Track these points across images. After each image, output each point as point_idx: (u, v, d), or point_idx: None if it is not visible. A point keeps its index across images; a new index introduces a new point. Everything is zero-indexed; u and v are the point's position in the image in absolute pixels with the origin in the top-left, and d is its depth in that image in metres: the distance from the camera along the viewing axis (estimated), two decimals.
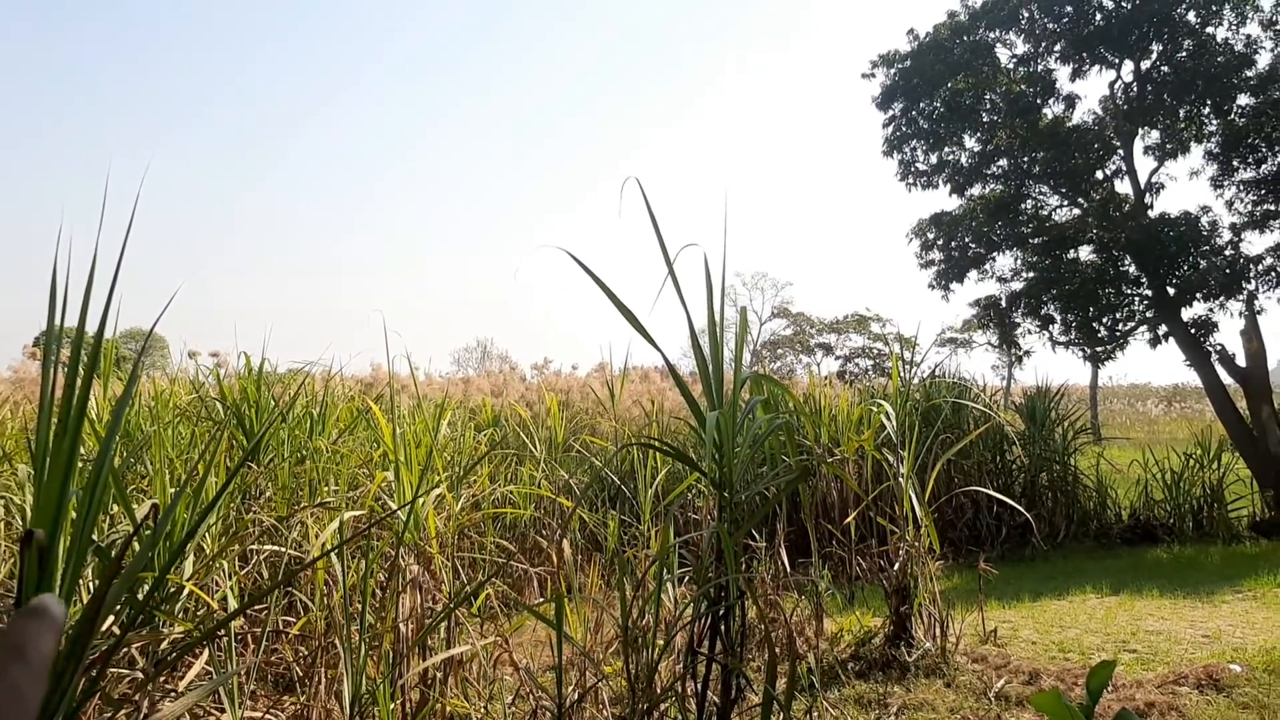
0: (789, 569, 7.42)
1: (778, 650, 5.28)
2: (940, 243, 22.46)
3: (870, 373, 52.79)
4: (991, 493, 9.59)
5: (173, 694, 4.76)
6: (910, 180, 22.53)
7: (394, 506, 5.84)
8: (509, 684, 6.19)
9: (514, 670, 5.80)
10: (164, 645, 4.73)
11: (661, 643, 4.90)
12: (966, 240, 22.14)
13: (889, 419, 7.77)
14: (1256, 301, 20.83)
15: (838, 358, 58.96)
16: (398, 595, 5.40)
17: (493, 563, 7.90)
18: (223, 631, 5.25)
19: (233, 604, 5.33)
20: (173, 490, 5.53)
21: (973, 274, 22.55)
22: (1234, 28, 20.69)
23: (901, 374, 9.25)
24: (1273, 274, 21.25)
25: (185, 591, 5.16)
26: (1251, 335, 16.23)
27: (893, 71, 22.04)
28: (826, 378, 22.18)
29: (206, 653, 5.03)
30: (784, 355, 60.75)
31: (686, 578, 6.63)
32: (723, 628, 4.78)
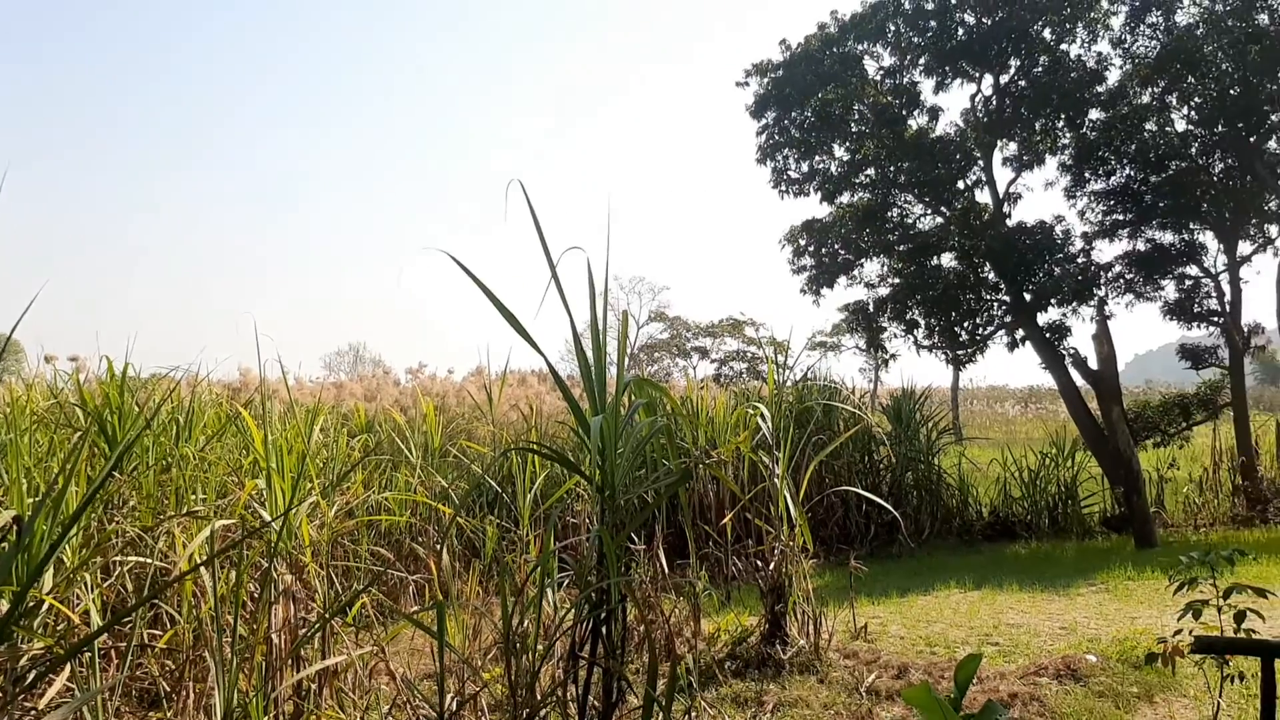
0: (668, 571, 7.50)
1: (657, 652, 5.33)
2: (811, 249, 22.99)
3: (745, 376, 53.63)
4: (861, 492, 9.86)
5: (32, 713, 4.55)
6: (783, 188, 22.98)
7: (266, 515, 5.69)
8: (386, 694, 6.10)
9: (391, 679, 5.73)
10: (23, 663, 4.52)
11: (543, 648, 4.91)
12: (836, 247, 22.71)
13: (765, 421, 7.92)
14: (1106, 307, 21.95)
15: (713, 361, 59.74)
16: (270, 606, 5.27)
17: (368, 571, 7.77)
18: (85, 648, 5.03)
19: (95, 618, 5.12)
20: (32, 501, 5.28)
21: (842, 280, 23.16)
22: (1086, 45, 21.78)
23: (776, 377, 9.44)
24: (1121, 281, 22.42)
25: (45, 606, 4.94)
26: (1102, 339, 17.05)
27: (765, 81, 22.46)
28: (703, 381, 22.50)
29: (68, 670, 4.82)
30: (661, 359, 61.23)
31: (567, 582, 6.65)
32: (604, 631, 4.81)
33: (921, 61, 21.96)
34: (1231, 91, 20.54)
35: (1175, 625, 5.84)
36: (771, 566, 7.77)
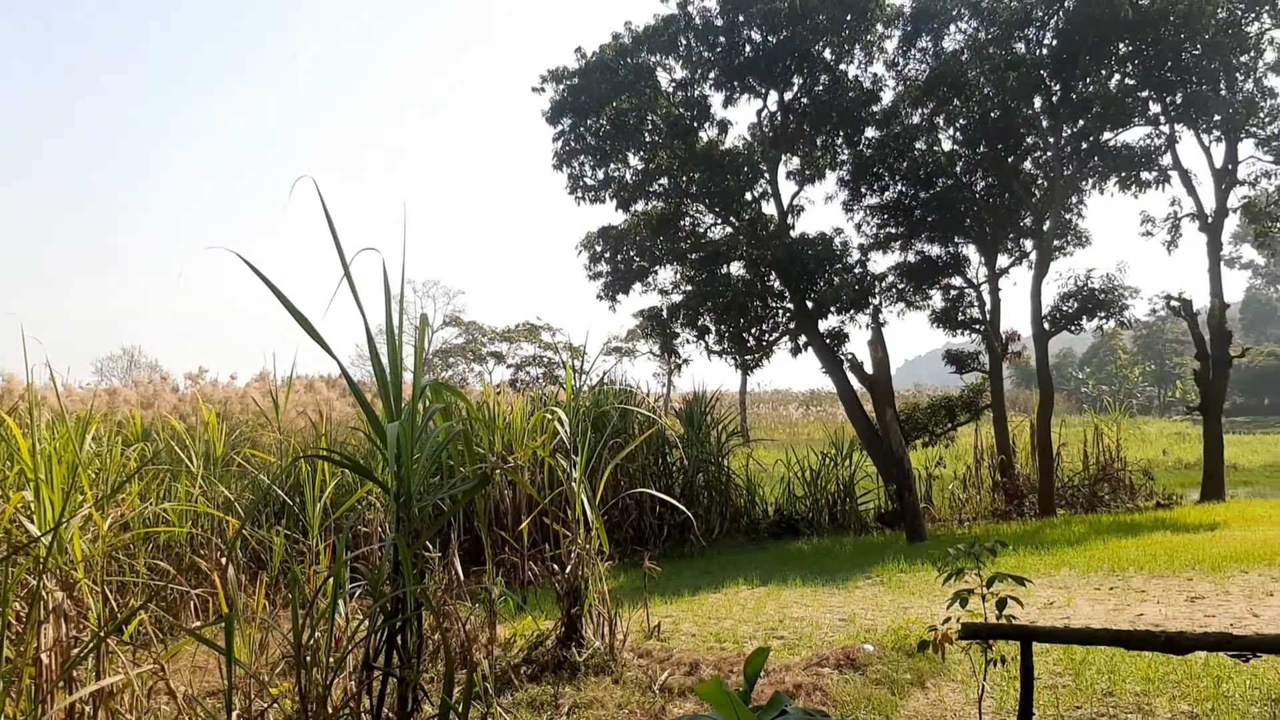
0: (463, 577, 7.43)
1: (453, 659, 5.28)
2: (607, 255, 23.26)
3: (542, 381, 53.62)
4: (656, 493, 10.06)
5: None
6: (579, 194, 23.13)
7: (34, 529, 5.30)
8: (167, 713, 5.79)
9: (172, 698, 5.44)
10: None
11: (335, 660, 4.78)
12: (632, 254, 23.05)
13: (563, 426, 7.97)
14: (881, 314, 23.24)
15: (510, 366, 59.44)
16: (39, 626, 4.92)
17: (147, 586, 7.35)
18: None
19: None
20: None
21: (637, 286, 23.55)
22: (863, 66, 22.98)
23: (573, 382, 9.52)
24: (894, 290, 23.79)
25: None
26: (877, 345, 17.98)
27: (561, 88, 22.54)
28: (499, 386, 22.38)
29: None
30: (456, 364, 60.43)
31: (360, 592, 6.49)
32: (399, 640, 4.74)
33: (711, 76, 22.57)
34: (992, 114, 22.14)
35: (944, 614, 6.24)
36: (568, 570, 7.82)
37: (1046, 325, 22.54)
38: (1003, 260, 23.84)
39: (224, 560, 6.62)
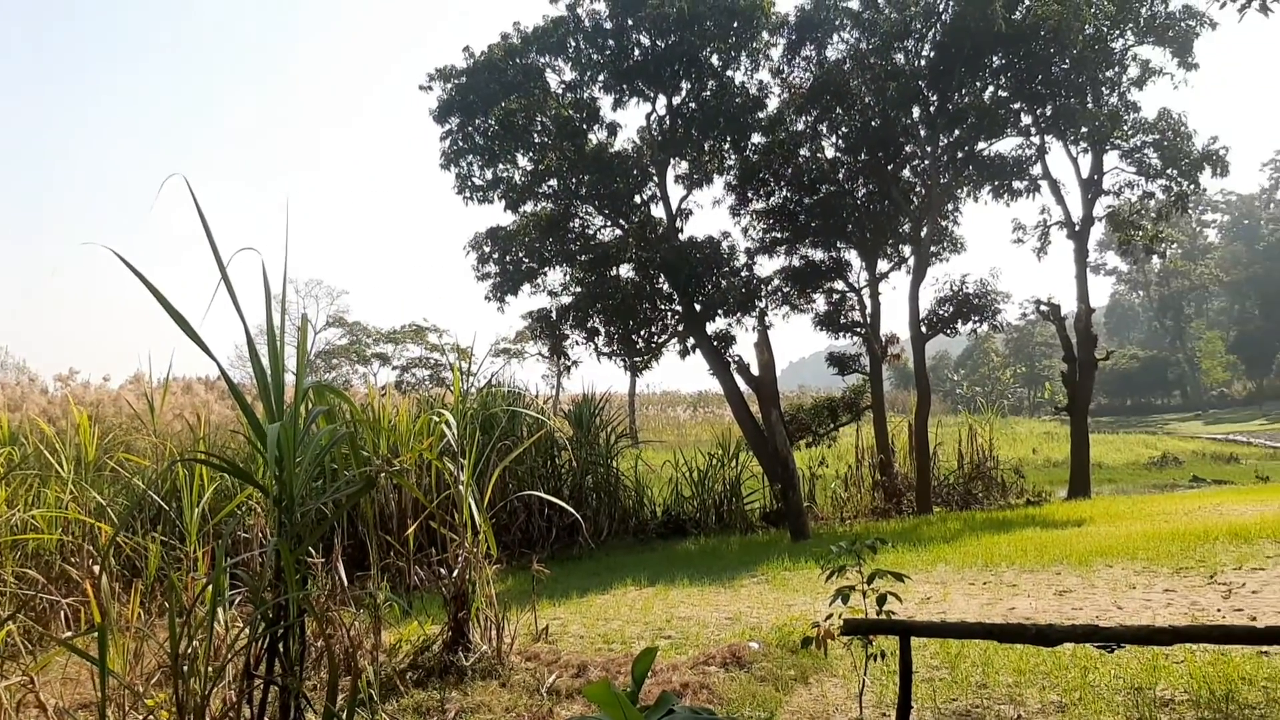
0: (347, 583, 7.30)
1: (337, 666, 5.19)
2: (496, 256, 23.11)
3: (428, 383, 52.95)
4: (544, 495, 10.04)
5: None
6: (467, 194, 22.95)
7: None
8: None
9: (42, 711, 5.22)
10: None
11: (214, 669, 4.65)
12: (520, 255, 22.95)
13: (450, 428, 7.90)
14: (767, 317, 23.66)
15: (395, 368, 58.52)
16: None
17: (15, 596, 7.02)
18: None
19: None
20: None
21: (526, 287, 23.47)
22: (749, 73, 23.37)
23: (461, 384, 9.44)
24: (779, 294, 24.24)
25: None
26: (763, 347, 18.25)
27: (449, 86, 22.33)
28: (384, 388, 22.04)
29: None
30: (340, 365, 59.23)
31: (240, 599, 6.32)
32: (281, 648, 4.64)
33: (601, 78, 22.65)
34: (873, 123, 22.74)
35: (827, 610, 6.38)
36: (455, 573, 7.75)
37: (924, 328, 23.23)
38: (883, 265, 24.51)
39: (96, 568, 6.37)
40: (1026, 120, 23.32)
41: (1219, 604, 8.50)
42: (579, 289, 23.36)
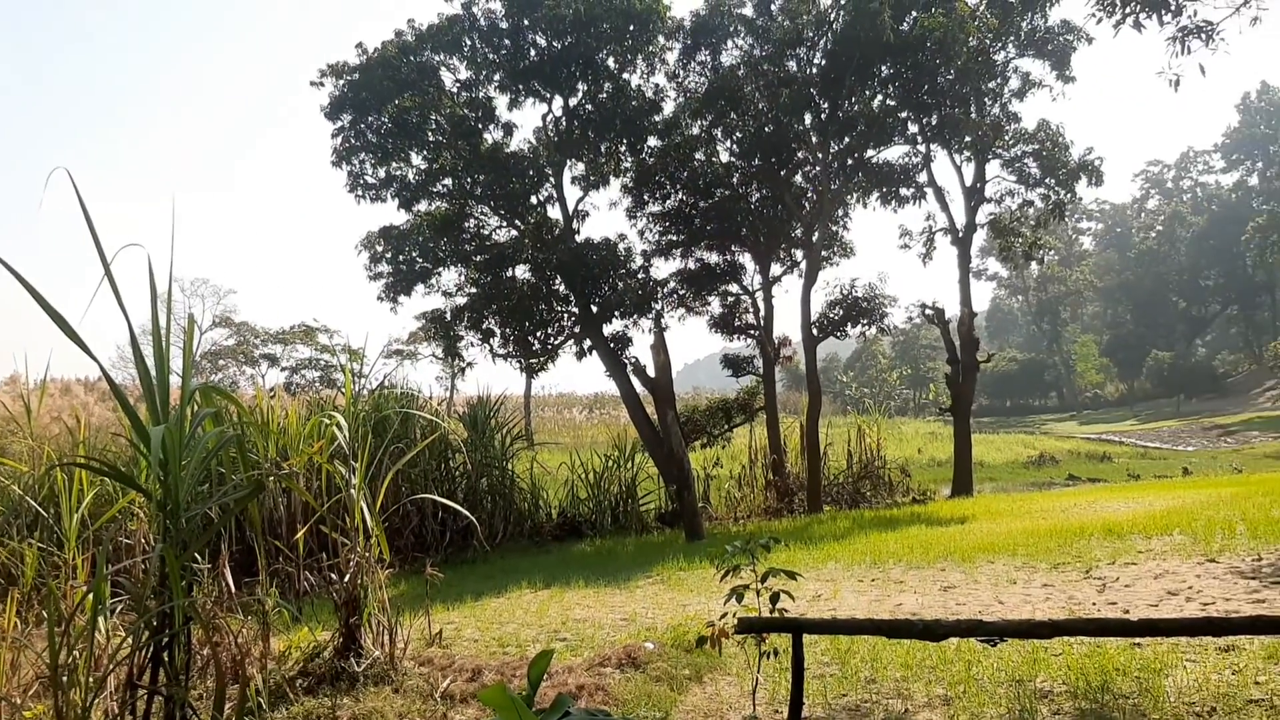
0: (235, 589, 7.12)
1: (224, 675, 5.07)
2: (389, 256, 22.76)
3: (318, 384, 51.87)
4: (438, 499, 9.95)
5: None
6: (360, 192, 22.56)
7: None
8: None
9: None
10: None
11: (95, 680, 4.50)
12: (414, 255, 22.66)
13: (341, 431, 7.76)
14: (663, 319, 23.81)
15: (284, 369, 57.16)
16: None
17: None
18: None
19: None
20: None
21: (420, 288, 23.16)
22: (645, 76, 23.49)
23: (352, 386, 9.29)
24: (675, 296, 24.43)
25: None
26: (659, 349, 18.35)
27: (341, 83, 21.92)
28: (273, 390, 21.54)
29: None
30: (227, 366, 57.55)
31: (122, 607, 6.11)
32: (166, 657, 4.51)
33: (496, 78, 22.51)
34: (766, 129, 23.08)
35: (722, 609, 6.46)
36: (346, 578, 7.61)
37: (815, 331, 23.68)
38: (776, 269, 24.92)
39: None
40: (913, 129, 23.98)
41: (1094, 598, 8.84)
42: (474, 290, 23.17)
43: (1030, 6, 23.40)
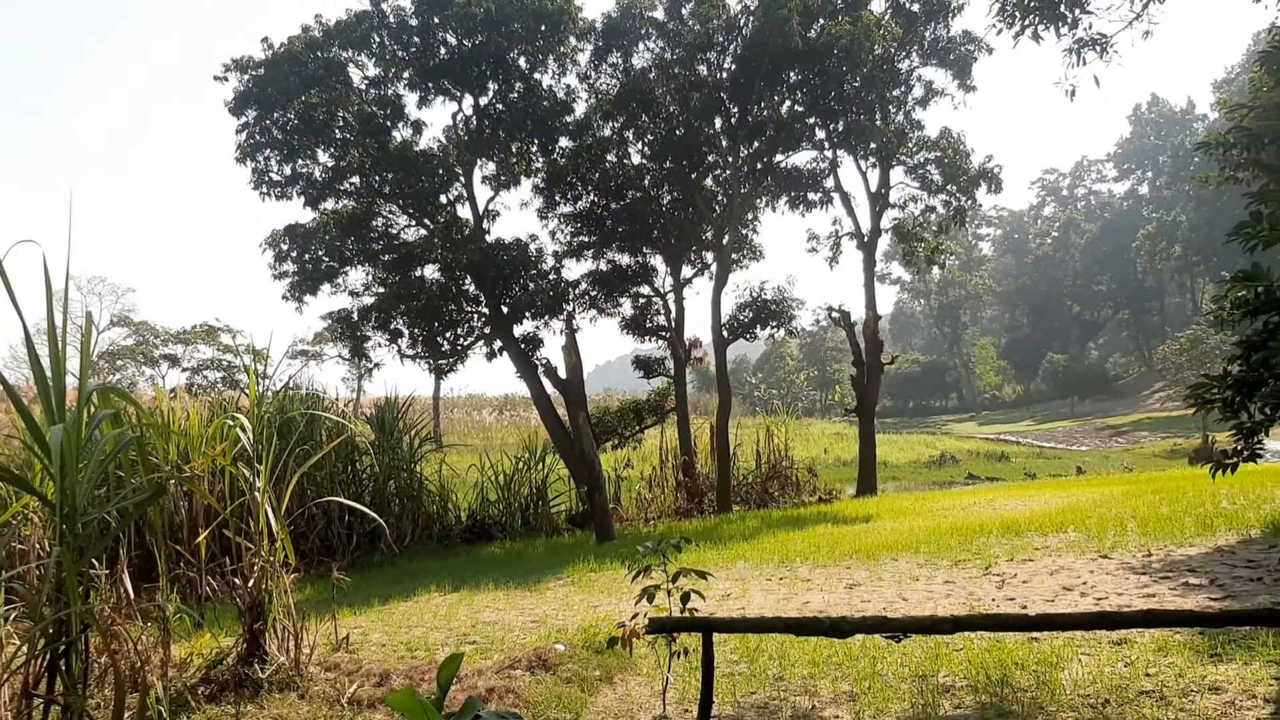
0: (134, 595, 6.94)
1: (124, 683, 4.94)
2: (294, 255, 22.34)
3: (221, 385, 50.60)
4: (344, 501, 9.79)
5: None
6: (265, 190, 22.08)
7: None
8: None
9: None
10: None
11: None
12: (320, 254, 22.28)
13: (245, 433, 7.60)
14: (574, 320, 23.82)
15: (185, 370, 55.60)
16: None
17: None
18: None
19: None
20: None
21: (326, 287, 22.78)
22: (557, 77, 23.50)
23: (257, 387, 9.11)
24: (587, 297, 24.45)
25: None
26: (570, 350, 18.36)
27: (246, 78, 21.44)
28: (174, 391, 20.97)
29: None
30: (125, 367, 55.72)
31: (15, 615, 5.90)
32: (63, 665, 4.38)
33: (406, 75, 22.28)
34: (678, 132, 23.26)
35: (632, 610, 6.50)
36: (250, 583, 7.46)
37: (725, 333, 23.94)
38: (687, 271, 25.10)
39: None
40: (821, 135, 24.41)
41: (994, 594, 9.10)
42: (382, 289, 22.89)
43: (933, 16, 24.03)
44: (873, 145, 24.16)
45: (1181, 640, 6.69)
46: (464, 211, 23.27)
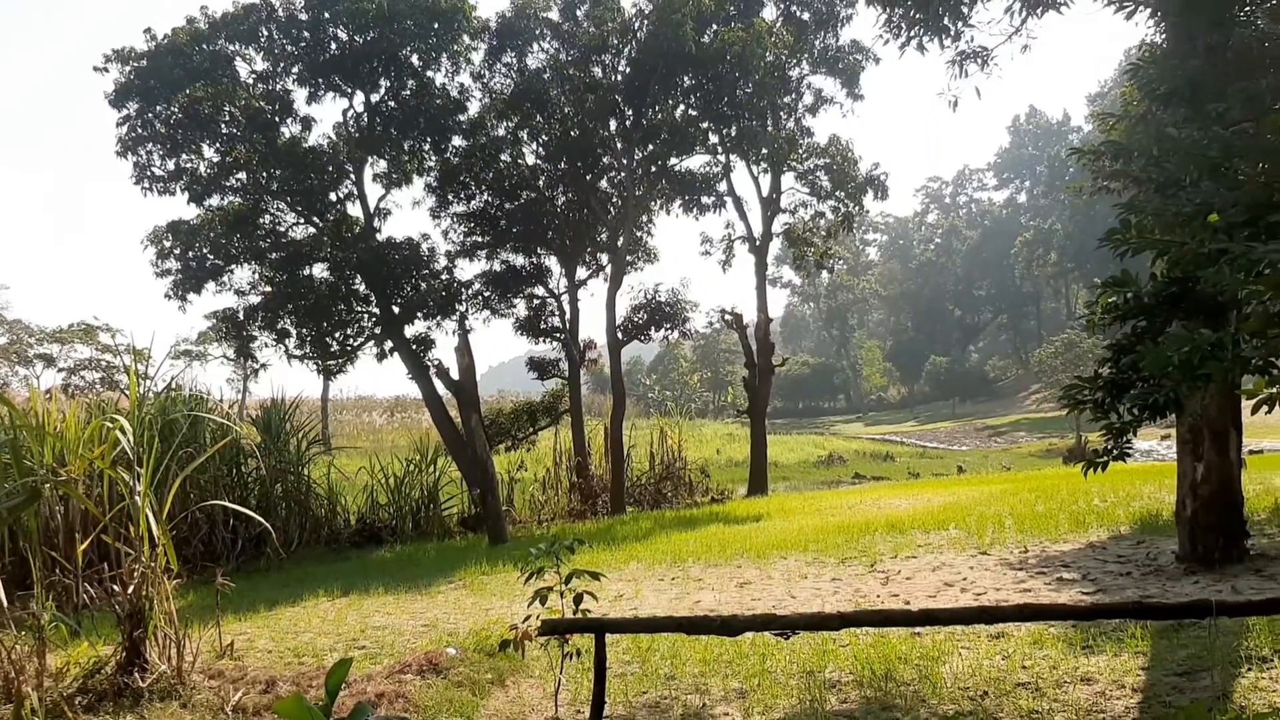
0: (7, 603, 6.69)
1: None
2: (178, 252, 21.68)
3: (100, 386, 48.72)
4: (229, 505, 9.60)
5: None
6: (147, 184, 21.38)
7: None
8: None
9: None
10: None
11: None
12: (205, 251, 21.69)
13: (125, 435, 7.40)
14: (467, 321, 23.66)
15: (61, 370, 53.37)
16: None
17: None
18: None
19: None
20: None
21: (211, 285, 22.14)
22: (450, 75, 23.31)
23: (138, 389, 8.84)
24: (480, 298, 24.31)
25: None
26: (463, 351, 18.20)
27: (128, 69, 20.74)
28: (49, 391, 20.14)
29: None
30: None
31: None
32: None
33: (295, 70, 21.86)
34: (572, 133, 23.32)
35: (525, 612, 6.52)
36: (130, 590, 7.26)
37: (620, 334, 24.06)
38: (582, 272, 25.17)
39: None
40: (714, 139, 24.70)
41: (879, 590, 9.37)
42: (269, 288, 22.38)
43: (823, 26, 24.57)
44: (764, 151, 24.56)
45: (1056, 633, 7.00)
46: (354, 209, 22.94)
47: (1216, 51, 8.65)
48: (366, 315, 22.70)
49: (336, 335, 22.71)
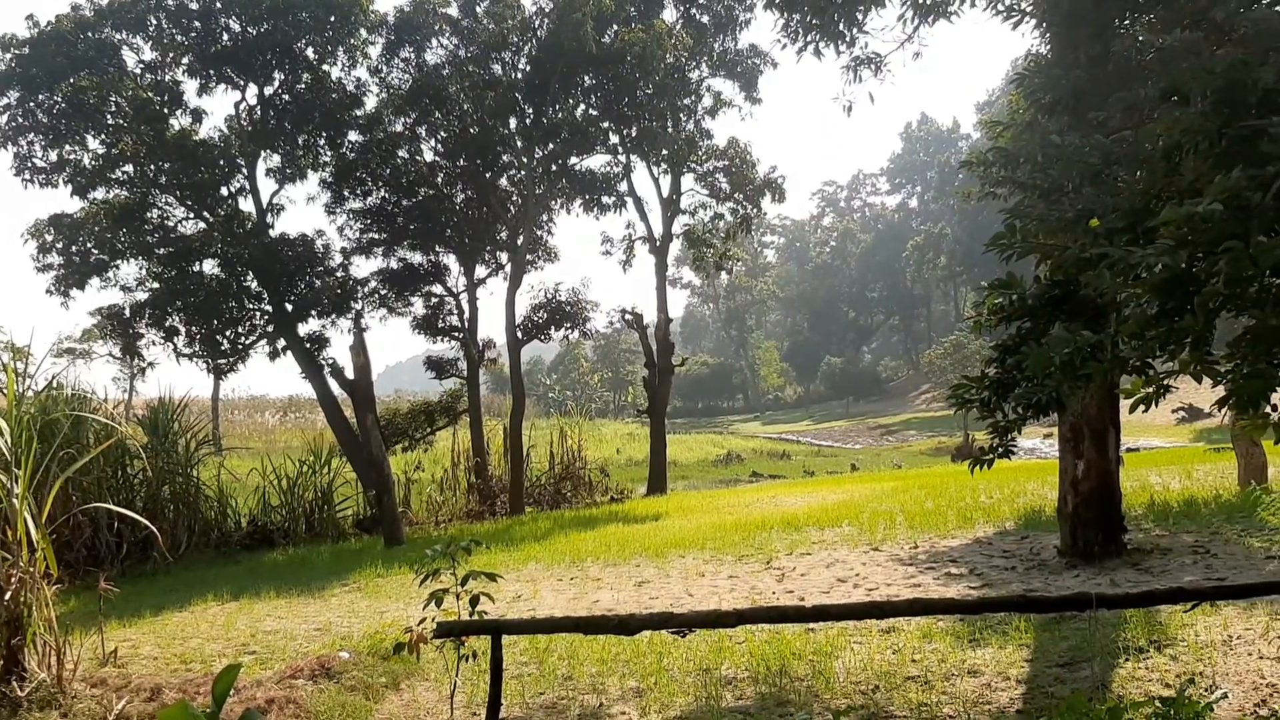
0: None
1: None
2: (60, 246, 20.90)
3: None
4: (113, 508, 9.31)
5: None
6: (27, 176, 20.56)
7: None
8: None
9: None
10: None
11: None
12: (89, 246, 20.96)
13: (2, 436, 7.14)
14: (363, 319, 23.34)
15: None
16: None
17: None
18: None
19: None
20: None
21: (95, 281, 21.41)
22: (347, 69, 23.00)
23: (15, 388, 8.52)
24: (376, 296, 24.00)
25: None
26: (358, 350, 17.92)
27: (9, 57, 19.93)
28: None
29: None
30: None
31: None
32: None
33: (185, 61, 21.29)
34: (472, 130, 23.18)
35: (421, 615, 6.46)
36: (7, 596, 7.01)
37: (519, 334, 23.98)
38: (481, 271, 25.02)
39: None
40: (615, 139, 24.80)
41: (774, 587, 9.54)
42: (157, 285, 21.73)
43: (722, 29, 24.86)
44: (664, 152, 24.75)
45: (944, 627, 7.22)
46: (246, 205, 22.41)
47: (1098, 62, 9.04)
48: (258, 313, 22.21)
49: (227, 333, 22.17)
